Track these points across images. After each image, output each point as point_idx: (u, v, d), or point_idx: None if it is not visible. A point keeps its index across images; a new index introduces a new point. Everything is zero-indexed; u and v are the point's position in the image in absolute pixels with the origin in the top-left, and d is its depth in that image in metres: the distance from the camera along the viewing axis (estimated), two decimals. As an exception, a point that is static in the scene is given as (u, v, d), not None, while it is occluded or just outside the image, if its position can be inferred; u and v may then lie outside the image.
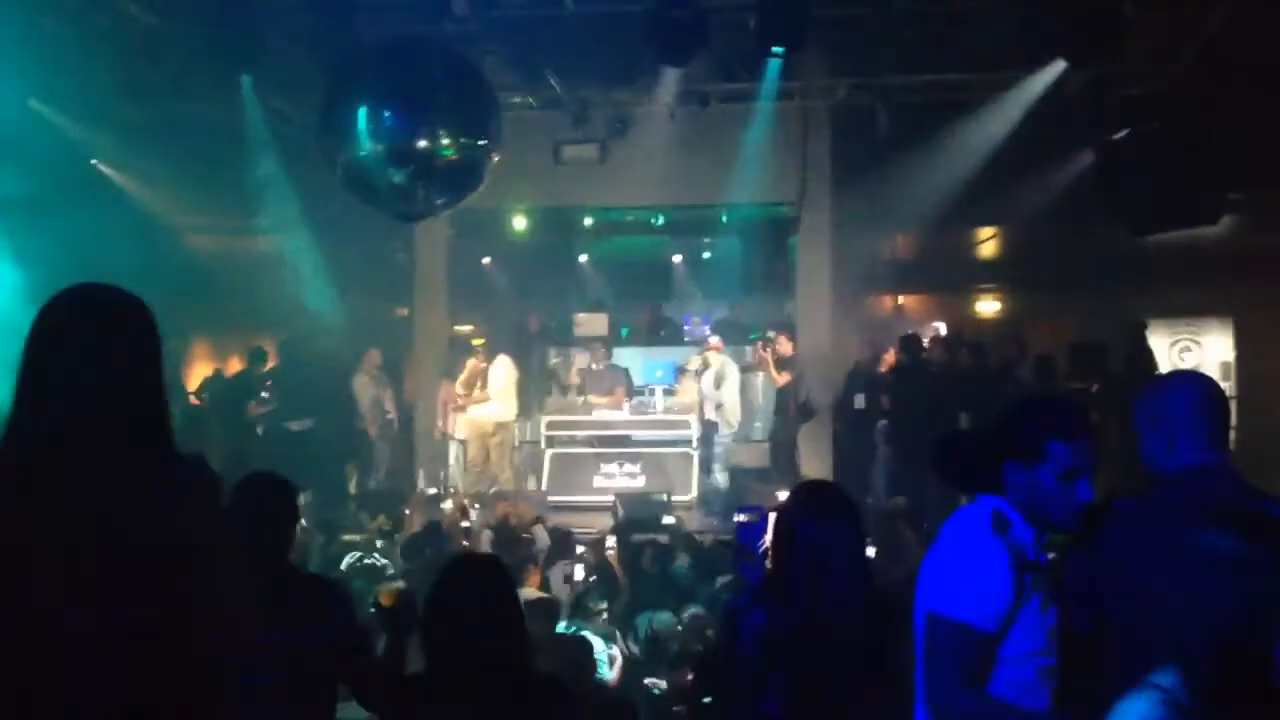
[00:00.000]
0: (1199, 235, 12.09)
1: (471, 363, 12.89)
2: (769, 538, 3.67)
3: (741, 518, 4.63)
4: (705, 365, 12.95)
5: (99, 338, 2.31)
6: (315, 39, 9.19)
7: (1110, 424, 11.16)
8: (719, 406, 12.67)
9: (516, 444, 13.46)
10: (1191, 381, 3.23)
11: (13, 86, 10.11)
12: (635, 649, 6.59)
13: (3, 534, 2.20)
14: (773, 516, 3.66)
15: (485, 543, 9.31)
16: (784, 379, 12.32)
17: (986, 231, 15.92)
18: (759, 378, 13.38)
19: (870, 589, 3.30)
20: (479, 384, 12.83)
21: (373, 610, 3.56)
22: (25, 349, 2.30)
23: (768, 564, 3.59)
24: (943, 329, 14.58)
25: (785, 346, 12.49)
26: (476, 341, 13.47)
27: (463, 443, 13.21)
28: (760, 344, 12.61)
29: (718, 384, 12.70)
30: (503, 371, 12.84)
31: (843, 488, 3.73)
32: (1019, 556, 2.85)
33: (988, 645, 2.82)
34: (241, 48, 9.38)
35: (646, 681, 5.97)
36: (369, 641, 3.53)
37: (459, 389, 12.85)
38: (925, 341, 13.06)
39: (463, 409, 12.99)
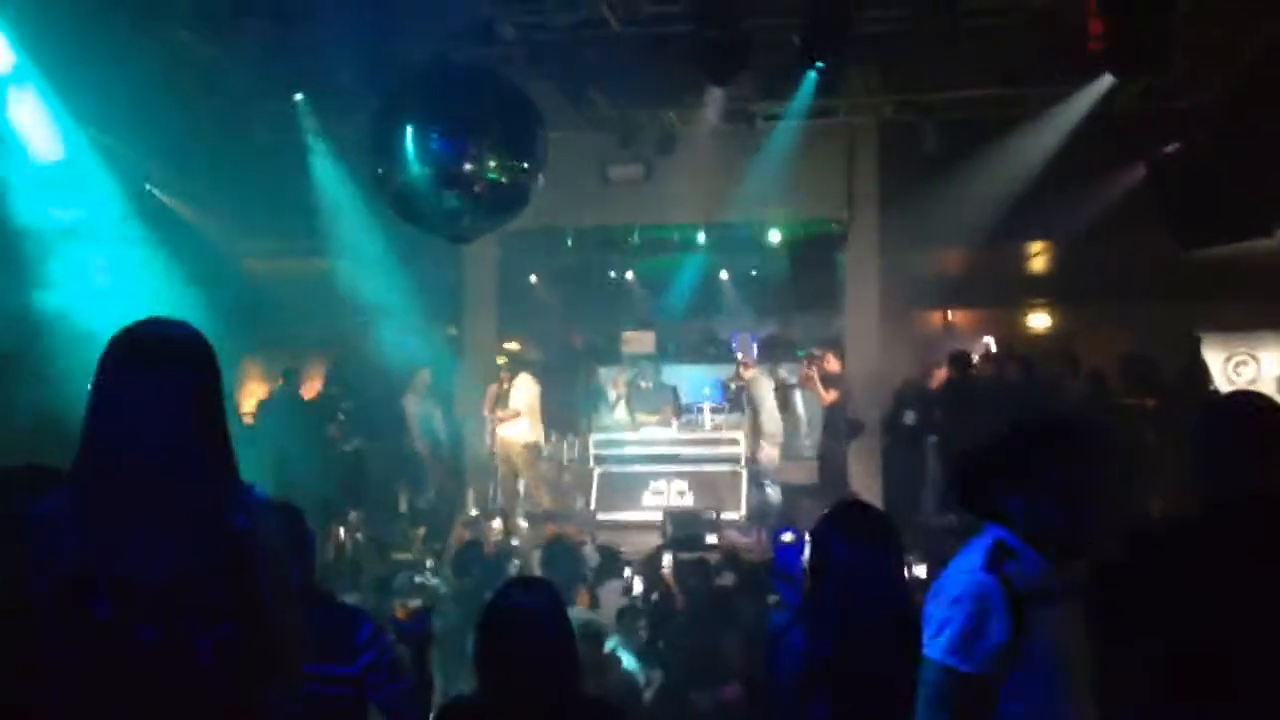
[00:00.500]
0: (1253, 248, 11.92)
1: (493, 386, 12.91)
2: (807, 558, 3.66)
3: (785, 538, 4.62)
4: (741, 383, 12.92)
5: (163, 378, 2.37)
6: (364, 64, 9.30)
7: (1165, 441, 11.05)
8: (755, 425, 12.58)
9: (546, 462, 13.45)
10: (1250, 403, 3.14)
11: (70, 117, 10.29)
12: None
13: (73, 572, 2.25)
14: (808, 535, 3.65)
15: (534, 562, 9.35)
16: (831, 396, 12.23)
17: (1036, 246, 15.81)
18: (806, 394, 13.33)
19: (906, 611, 3.21)
20: (502, 404, 12.85)
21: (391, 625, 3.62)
22: (94, 386, 2.37)
23: (807, 584, 3.58)
24: (993, 344, 14.46)
25: (832, 364, 12.42)
26: (500, 360, 13.48)
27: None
28: (806, 361, 12.55)
29: (750, 402, 12.63)
30: (523, 391, 12.85)
31: (877, 507, 3.72)
32: (1019, 590, 2.72)
33: (979, 688, 2.69)
34: (293, 75, 9.52)
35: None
36: (402, 670, 3.55)
37: (484, 410, 12.90)
38: (975, 357, 12.96)
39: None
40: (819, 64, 9.85)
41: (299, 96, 9.91)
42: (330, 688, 3.40)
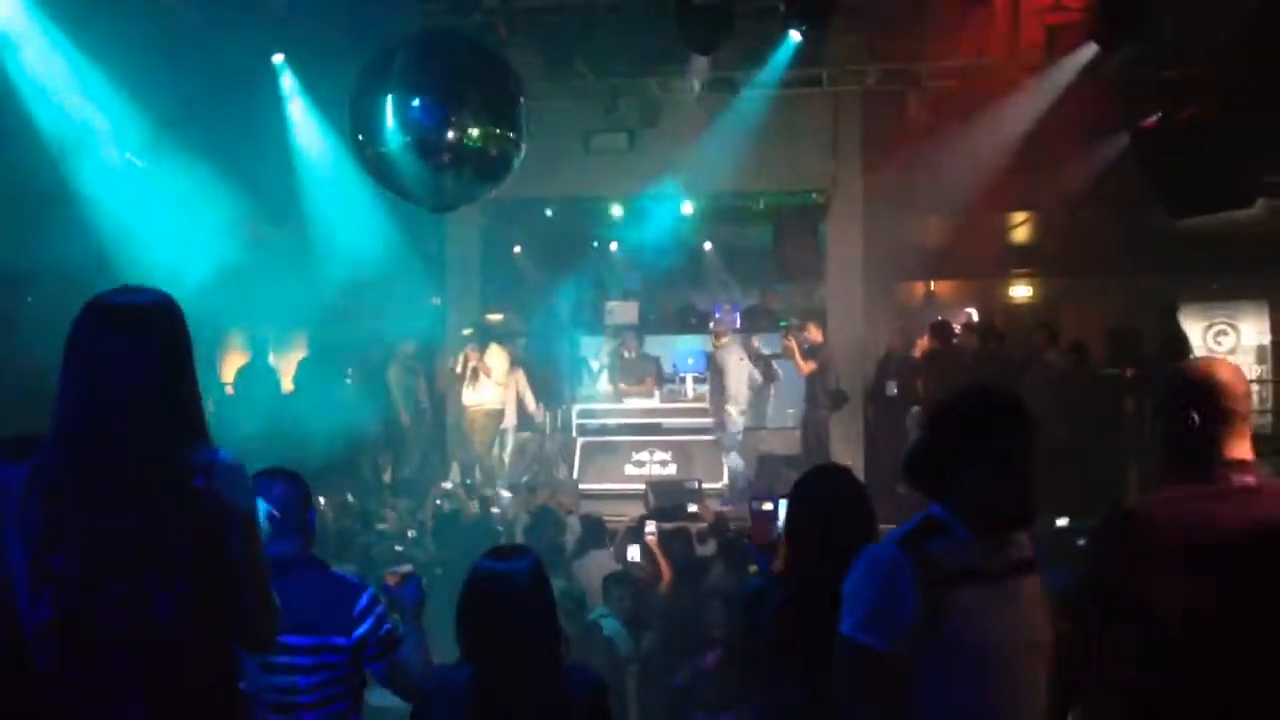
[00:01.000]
0: (1234, 218, 11.96)
1: (461, 355, 12.94)
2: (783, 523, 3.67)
3: (763, 506, 4.63)
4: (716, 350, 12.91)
5: (129, 343, 2.45)
6: (345, 31, 9.24)
7: (1145, 410, 11.11)
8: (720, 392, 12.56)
9: (518, 432, 13.46)
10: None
11: (49, 82, 10.20)
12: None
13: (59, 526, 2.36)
14: (784, 503, 3.65)
15: (518, 530, 9.37)
16: (810, 367, 12.22)
17: (1019, 217, 15.83)
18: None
19: None
20: (470, 375, 12.86)
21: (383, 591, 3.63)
22: (64, 351, 2.45)
23: (783, 550, 3.59)
24: (974, 315, 14.50)
25: (814, 334, 12.38)
26: (465, 332, 13.45)
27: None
28: (785, 332, 12.53)
29: (717, 371, 12.61)
30: (495, 360, 12.88)
31: (850, 472, 3.74)
32: (937, 568, 2.66)
33: (890, 666, 2.63)
34: (274, 39, 9.44)
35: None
36: (398, 636, 3.56)
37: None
38: (957, 328, 12.98)
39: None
40: (801, 30, 9.81)
41: (279, 58, 9.80)
42: (331, 656, 3.42)
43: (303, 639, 3.35)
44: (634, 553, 8.28)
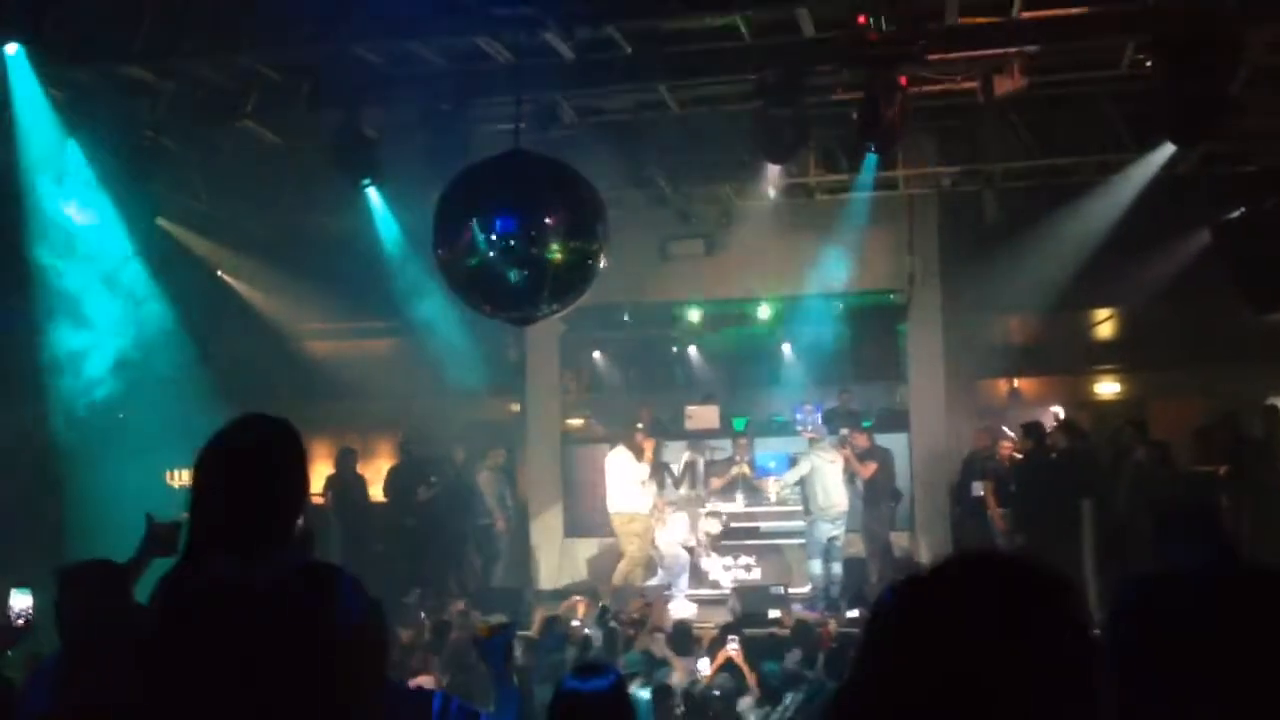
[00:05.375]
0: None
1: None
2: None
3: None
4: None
5: (260, 473, 2.58)
6: (430, 154, 9.52)
7: (1243, 506, 10.88)
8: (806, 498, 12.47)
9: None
10: None
11: (142, 206, 10.62)
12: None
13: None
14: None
15: (596, 641, 9.37)
16: (870, 469, 12.26)
17: (1103, 312, 15.68)
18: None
19: None
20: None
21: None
22: (194, 478, 2.58)
23: None
24: (1060, 413, 14.32)
25: (861, 440, 12.48)
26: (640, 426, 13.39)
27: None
28: (838, 442, 12.46)
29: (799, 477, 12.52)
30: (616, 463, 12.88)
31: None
32: None
33: None
34: (361, 165, 9.78)
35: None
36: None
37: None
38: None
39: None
40: (877, 153, 10.02)
41: (367, 182, 10.18)
42: None
43: None
44: (704, 665, 8.22)
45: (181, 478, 10.50)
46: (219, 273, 13.21)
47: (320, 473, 14.53)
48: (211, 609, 2.43)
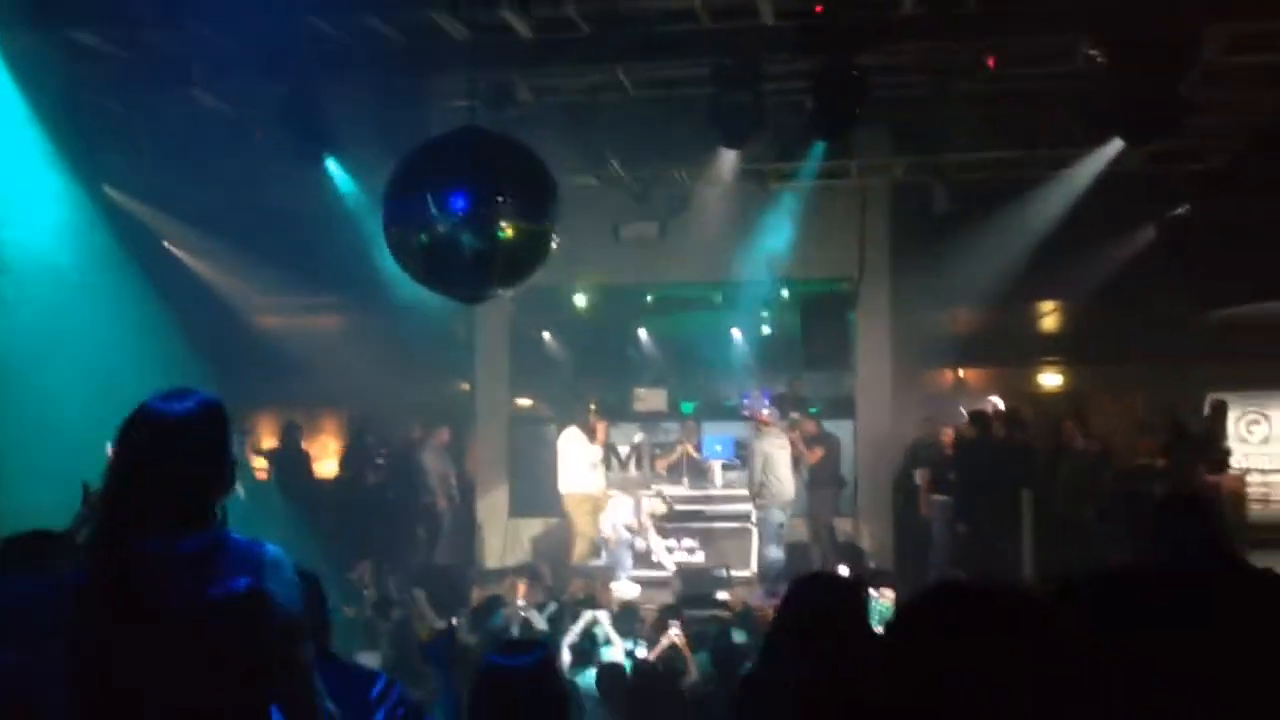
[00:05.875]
0: (1264, 308, 11.97)
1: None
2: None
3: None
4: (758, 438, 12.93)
5: (183, 448, 2.54)
6: (383, 130, 9.44)
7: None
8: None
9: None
10: None
11: (88, 174, 10.43)
12: None
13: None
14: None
15: (538, 620, 9.38)
16: (816, 455, 12.38)
17: (1048, 306, 15.87)
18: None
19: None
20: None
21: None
22: (115, 456, 2.53)
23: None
24: (999, 404, 14.50)
25: (809, 425, 12.61)
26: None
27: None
28: (788, 427, 12.55)
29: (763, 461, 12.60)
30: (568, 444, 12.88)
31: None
32: None
33: None
34: (314, 138, 9.67)
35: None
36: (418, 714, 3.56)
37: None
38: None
39: None
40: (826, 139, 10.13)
41: (326, 158, 10.10)
42: None
43: None
44: (641, 651, 8.24)
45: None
46: (165, 243, 13.02)
47: (265, 448, 14.46)
48: (133, 582, 2.41)
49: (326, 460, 15.61)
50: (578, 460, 12.41)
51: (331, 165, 10.68)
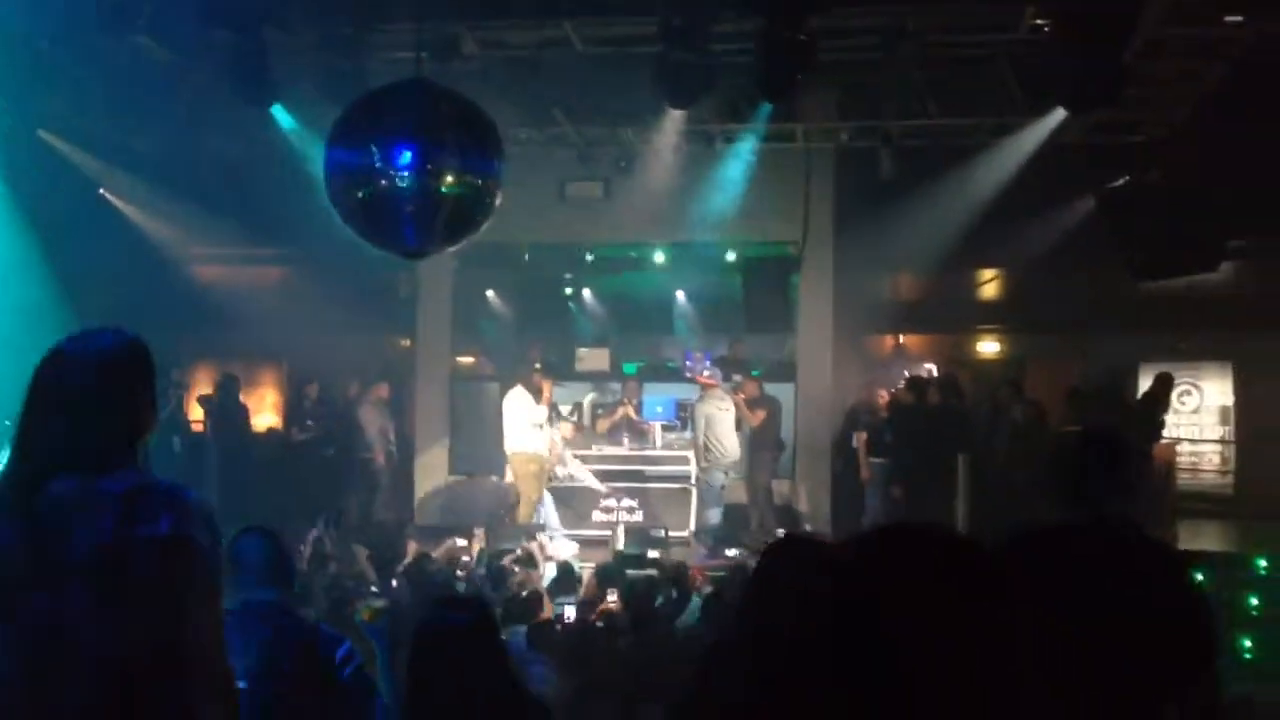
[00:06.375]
0: (1199, 281, 12.16)
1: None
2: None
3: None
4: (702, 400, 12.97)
5: (96, 392, 2.47)
6: (327, 78, 9.31)
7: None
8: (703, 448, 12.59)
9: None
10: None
11: (22, 117, 10.22)
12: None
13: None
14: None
15: (477, 581, 9.39)
16: (759, 417, 12.43)
17: (988, 273, 16.03)
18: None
19: None
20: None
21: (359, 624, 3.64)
22: (28, 396, 2.47)
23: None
24: (934, 370, 14.67)
25: (751, 387, 12.63)
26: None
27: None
28: (731, 389, 12.62)
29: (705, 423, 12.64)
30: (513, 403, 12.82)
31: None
32: None
33: None
34: (257, 88, 9.52)
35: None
36: (374, 687, 3.57)
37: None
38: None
39: None
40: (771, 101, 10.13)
41: (272, 106, 9.97)
42: (310, 703, 3.42)
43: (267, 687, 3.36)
44: (570, 612, 8.29)
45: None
46: (101, 190, 12.79)
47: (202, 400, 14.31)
48: (48, 522, 2.37)
49: (264, 414, 15.47)
50: (523, 420, 12.36)
51: (278, 113, 10.53)
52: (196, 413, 13.54)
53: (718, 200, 12.71)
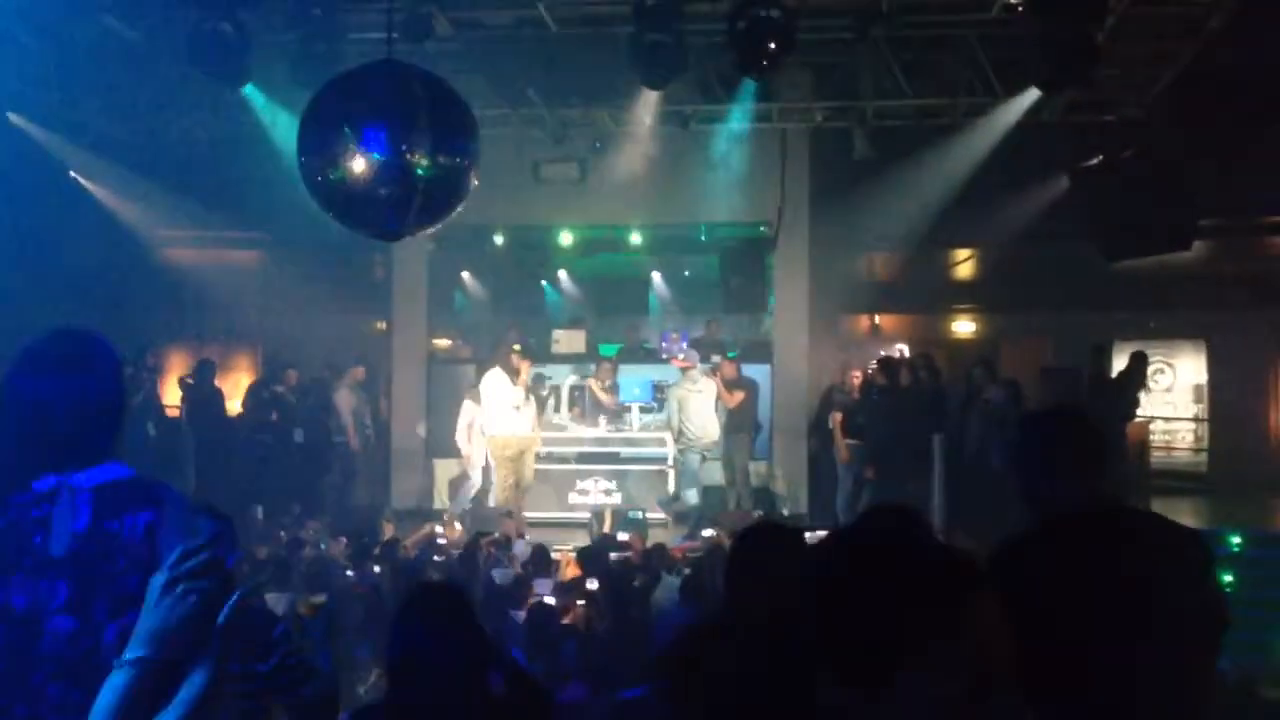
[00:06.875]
0: (1172, 260, 12.23)
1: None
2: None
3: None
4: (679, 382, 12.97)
5: (73, 388, 2.47)
6: (298, 61, 9.24)
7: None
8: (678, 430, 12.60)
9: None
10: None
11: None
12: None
13: None
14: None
15: (453, 561, 9.39)
16: (736, 399, 12.42)
17: (963, 253, 16.09)
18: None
19: None
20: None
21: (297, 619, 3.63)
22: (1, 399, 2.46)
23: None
24: (905, 350, 14.71)
25: (729, 368, 12.61)
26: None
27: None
28: (709, 370, 12.62)
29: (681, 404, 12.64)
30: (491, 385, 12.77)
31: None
32: None
33: None
34: (228, 67, 9.44)
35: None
36: (312, 671, 3.56)
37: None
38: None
39: None
40: (750, 81, 10.08)
41: (244, 88, 9.90)
42: (250, 684, 3.42)
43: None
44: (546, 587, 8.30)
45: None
46: (71, 173, 12.68)
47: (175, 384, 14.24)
48: (24, 520, 2.37)
49: (240, 398, 15.40)
50: (501, 402, 12.31)
51: (251, 94, 10.46)
52: (170, 397, 13.45)
53: (693, 181, 12.70)
